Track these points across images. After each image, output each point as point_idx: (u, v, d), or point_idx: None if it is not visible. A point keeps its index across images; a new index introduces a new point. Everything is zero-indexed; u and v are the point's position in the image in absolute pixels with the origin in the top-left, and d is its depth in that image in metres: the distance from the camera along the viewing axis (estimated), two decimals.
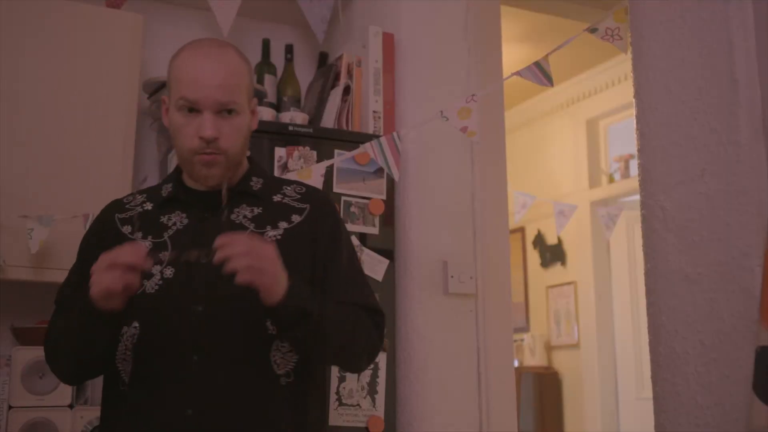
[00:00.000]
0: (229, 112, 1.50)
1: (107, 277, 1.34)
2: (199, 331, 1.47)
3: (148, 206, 1.60)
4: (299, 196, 1.62)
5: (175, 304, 1.48)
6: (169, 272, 1.50)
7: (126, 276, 1.34)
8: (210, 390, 1.44)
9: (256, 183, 1.61)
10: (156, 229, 1.55)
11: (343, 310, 1.53)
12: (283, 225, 1.56)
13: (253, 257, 1.35)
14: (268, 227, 1.54)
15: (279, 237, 1.53)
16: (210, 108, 1.49)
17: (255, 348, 1.48)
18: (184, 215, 1.56)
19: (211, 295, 1.48)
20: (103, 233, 1.59)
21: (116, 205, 1.65)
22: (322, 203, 1.64)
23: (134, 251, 1.37)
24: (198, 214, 1.56)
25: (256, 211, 1.56)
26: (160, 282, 1.49)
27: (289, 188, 1.64)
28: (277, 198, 1.60)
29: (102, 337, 1.45)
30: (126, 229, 1.57)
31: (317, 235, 1.58)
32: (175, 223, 1.55)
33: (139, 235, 1.55)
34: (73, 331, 1.47)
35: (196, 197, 1.58)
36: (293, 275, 1.42)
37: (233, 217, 1.55)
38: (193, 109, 1.50)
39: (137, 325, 1.49)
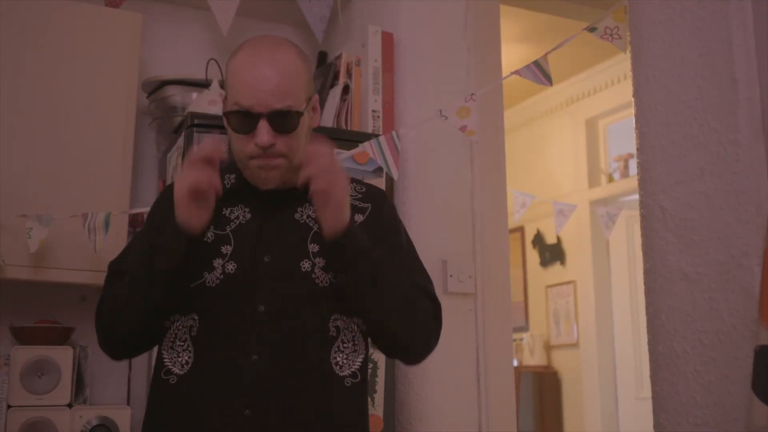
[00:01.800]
0: (285, 115, 1.46)
1: (191, 175, 1.38)
2: (260, 331, 1.44)
3: None
4: (361, 196, 1.61)
5: (236, 301, 1.46)
6: (231, 267, 1.47)
7: (208, 171, 1.38)
8: (269, 392, 1.42)
9: None
10: (219, 220, 1.51)
11: (402, 274, 1.52)
12: None
13: (333, 173, 1.38)
14: None
15: None
16: (265, 114, 1.45)
17: (316, 349, 1.46)
18: (247, 210, 1.54)
19: (274, 295, 1.46)
20: (171, 208, 1.53)
21: None
22: (382, 201, 1.64)
23: (213, 146, 1.39)
24: (262, 211, 1.53)
25: None
26: (221, 277, 1.47)
27: (350, 187, 1.58)
28: None
29: (168, 277, 1.43)
30: None
31: (379, 230, 1.56)
32: (237, 217, 1.53)
33: None
34: (137, 280, 1.44)
35: (261, 193, 1.54)
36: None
37: (297, 216, 1.54)
38: (249, 113, 1.46)
39: (196, 317, 1.46)
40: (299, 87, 1.49)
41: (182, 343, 1.46)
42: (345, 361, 1.48)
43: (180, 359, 1.46)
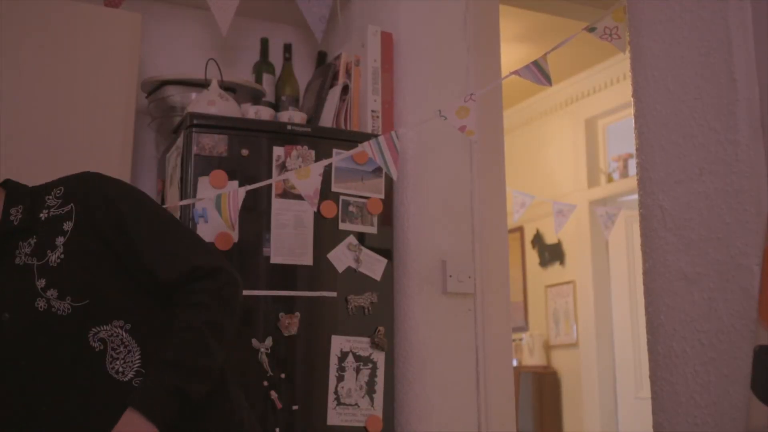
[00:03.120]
0: None
1: None
2: (33, 395, 1.42)
3: None
4: (60, 200, 1.49)
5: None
6: None
7: None
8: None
9: (15, 215, 1.49)
10: None
11: (176, 355, 1.41)
12: (60, 241, 1.45)
13: None
14: (48, 252, 1.44)
15: (62, 258, 1.44)
16: None
17: (92, 375, 1.44)
18: None
19: (28, 349, 1.43)
20: None
21: None
22: (84, 193, 1.49)
23: None
24: None
25: (33, 242, 1.46)
26: None
27: (50, 197, 1.50)
28: (43, 215, 1.48)
29: None
30: None
31: (100, 231, 1.45)
32: None
33: None
34: None
35: None
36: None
37: (18, 261, 1.45)
38: None
39: None
40: None
41: None
42: (123, 366, 1.44)
43: None
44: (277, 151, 2.33)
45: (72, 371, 1.43)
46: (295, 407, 2.23)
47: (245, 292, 1.60)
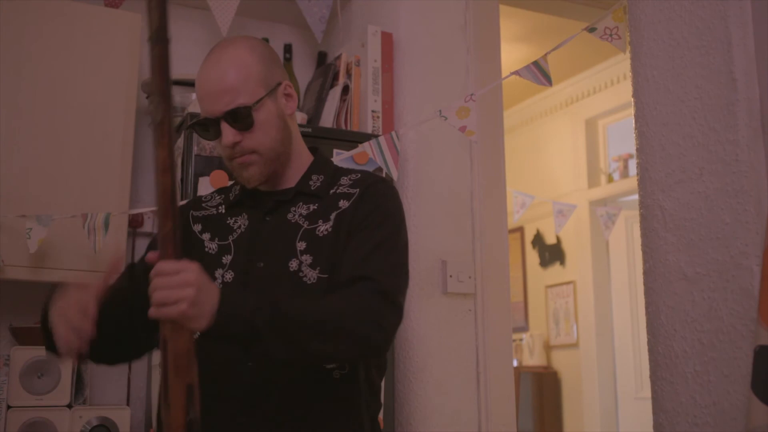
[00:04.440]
0: (237, 113, 1.48)
1: (59, 332, 1.31)
2: None
3: (222, 209, 1.61)
4: (351, 183, 1.58)
5: None
6: (229, 276, 1.50)
7: (74, 332, 1.30)
8: (266, 394, 1.42)
9: (315, 181, 1.58)
10: (223, 231, 1.56)
11: (313, 305, 1.40)
12: (333, 214, 1.52)
13: (166, 291, 1.23)
14: (320, 221, 1.51)
15: (330, 229, 1.50)
16: (220, 116, 1.48)
17: None
18: (246, 218, 1.56)
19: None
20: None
21: (196, 202, 1.67)
22: (369, 186, 1.56)
23: (83, 306, 1.30)
24: (258, 217, 1.55)
25: (312, 207, 1.54)
26: (221, 286, 1.49)
27: (345, 178, 1.59)
28: (333, 191, 1.57)
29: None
30: (197, 227, 1.59)
31: (353, 219, 1.51)
32: (240, 226, 1.56)
33: (207, 236, 1.56)
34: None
35: (259, 199, 1.57)
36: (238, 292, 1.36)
37: (290, 216, 1.54)
38: (207, 119, 1.50)
39: None
40: (249, 81, 1.49)
41: None
42: None
43: None
44: None
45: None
46: None
47: None
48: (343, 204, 1.53)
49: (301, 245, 1.50)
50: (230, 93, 1.47)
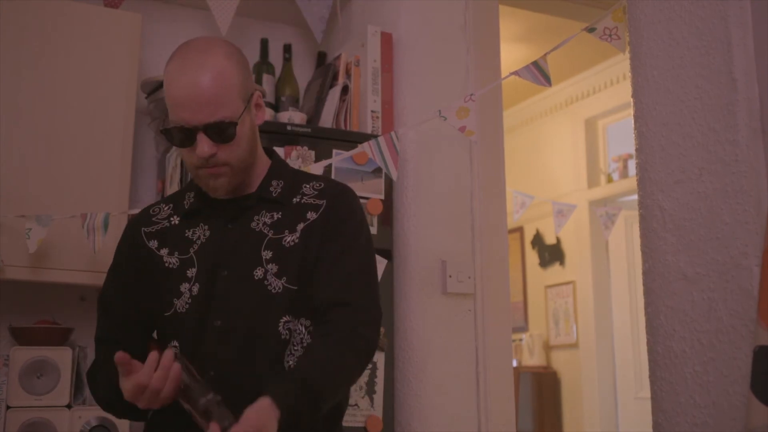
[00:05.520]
0: (219, 126, 1.44)
1: (141, 401, 1.37)
2: (217, 347, 1.47)
3: (175, 220, 1.59)
4: (317, 193, 1.57)
5: (200, 320, 1.49)
6: (195, 289, 1.51)
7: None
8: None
9: (276, 187, 1.57)
10: (182, 244, 1.55)
11: (326, 367, 1.43)
12: (300, 226, 1.52)
13: None
14: (286, 232, 1.52)
15: (296, 240, 1.51)
16: (200, 127, 1.45)
17: (269, 357, 1.47)
18: (206, 227, 1.55)
19: (229, 308, 1.48)
20: (133, 247, 1.60)
21: (143, 218, 1.64)
22: (336, 197, 1.58)
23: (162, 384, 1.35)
24: (220, 226, 1.55)
25: (276, 216, 1.54)
26: (190, 300, 1.50)
27: (308, 186, 1.59)
28: (296, 199, 1.57)
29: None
30: (152, 243, 1.58)
31: (326, 230, 1.53)
32: (199, 237, 1.55)
33: (165, 251, 1.56)
34: (111, 389, 1.46)
35: (218, 207, 1.55)
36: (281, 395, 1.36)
37: (253, 225, 1.53)
38: (184, 128, 1.46)
39: (176, 344, 1.51)
40: (232, 93, 1.46)
41: None
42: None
43: None
44: (277, 151, 2.33)
45: (255, 349, 1.47)
46: None
47: None
48: (311, 216, 1.54)
49: (266, 254, 1.50)
50: (211, 105, 1.43)
